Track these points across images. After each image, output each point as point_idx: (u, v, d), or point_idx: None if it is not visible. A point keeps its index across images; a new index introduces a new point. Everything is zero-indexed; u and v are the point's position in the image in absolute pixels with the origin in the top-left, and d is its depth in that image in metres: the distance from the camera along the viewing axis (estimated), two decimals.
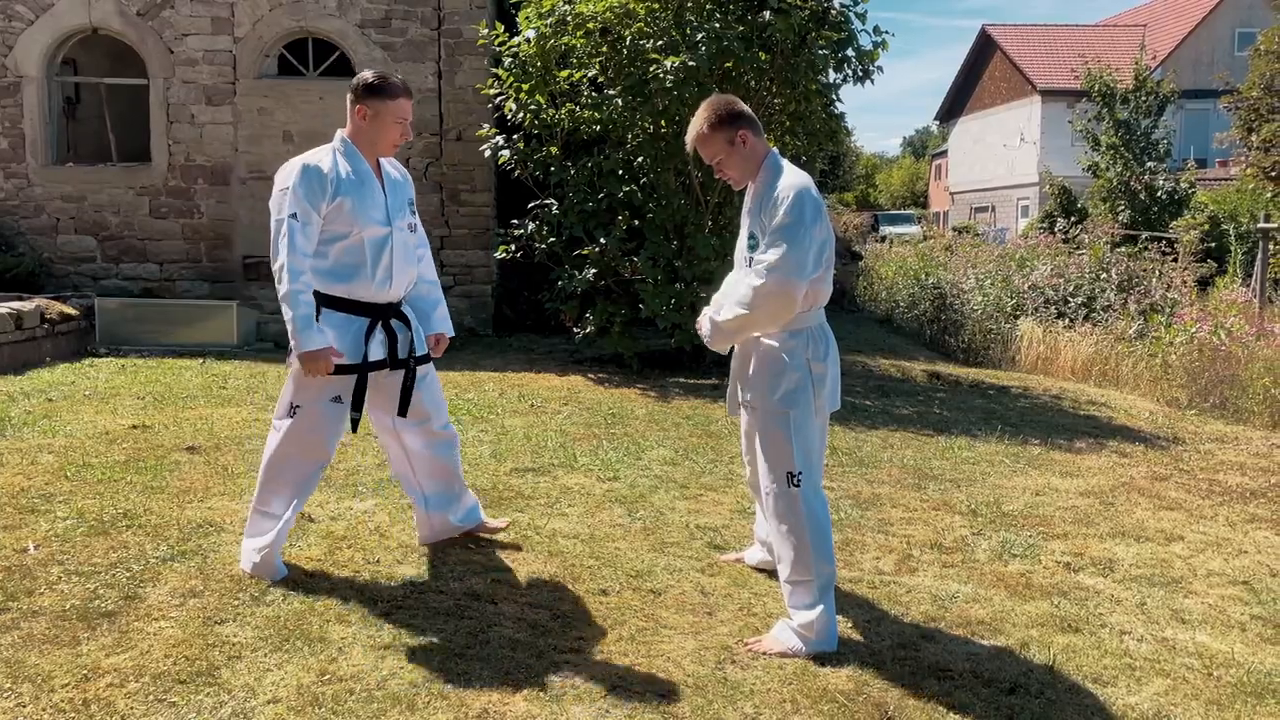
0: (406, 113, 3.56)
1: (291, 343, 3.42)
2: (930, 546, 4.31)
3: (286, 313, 3.38)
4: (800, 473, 3.21)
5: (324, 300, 3.51)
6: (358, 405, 3.60)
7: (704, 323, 3.42)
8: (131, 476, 4.75)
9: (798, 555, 3.23)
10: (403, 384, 3.67)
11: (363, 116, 3.52)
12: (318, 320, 3.45)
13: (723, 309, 3.32)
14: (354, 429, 3.66)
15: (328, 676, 2.93)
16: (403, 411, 3.70)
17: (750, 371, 3.34)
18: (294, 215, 3.37)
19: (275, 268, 3.39)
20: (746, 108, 3.36)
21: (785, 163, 3.31)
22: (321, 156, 3.49)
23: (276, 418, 3.62)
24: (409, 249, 3.69)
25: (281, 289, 3.37)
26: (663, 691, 2.93)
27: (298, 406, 3.54)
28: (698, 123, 3.32)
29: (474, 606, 3.48)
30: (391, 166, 3.72)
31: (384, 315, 3.62)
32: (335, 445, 3.67)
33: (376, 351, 3.58)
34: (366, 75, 3.56)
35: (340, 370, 3.48)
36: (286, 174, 3.45)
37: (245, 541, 3.68)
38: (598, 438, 6.07)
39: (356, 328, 3.54)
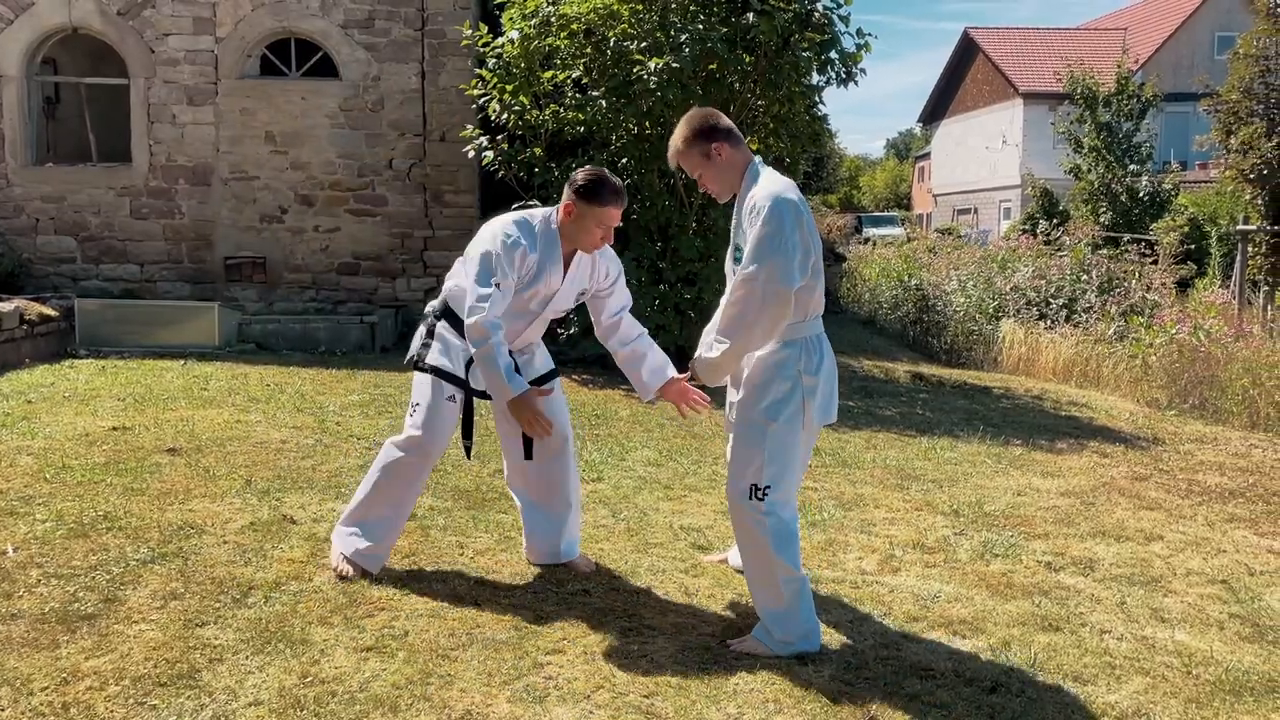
0: (614, 220, 3.53)
1: (493, 391, 3.44)
2: (913, 546, 4.33)
3: (487, 365, 3.35)
4: (768, 486, 3.14)
5: (451, 316, 3.62)
6: (467, 432, 3.67)
7: (698, 367, 3.39)
8: (111, 478, 4.72)
9: (758, 566, 3.22)
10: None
11: (568, 213, 3.50)
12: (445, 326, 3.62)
13: (712, 346, 3.27)
14: (468, 455, 3.80)
15: (310, 679, 2.92)
16: (528, 454, 3.76)
17: (743, 376, 3.31)
18: (496, 283, 3.36)
19: (469, 319, 3.34)
20: (725, 120, 3.32)
21: (765, 170, 3.27)
22: (524, 230, 3.47)
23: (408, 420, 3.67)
24: (543, 326, 3.79)
25: (479, 343, 3.33)
26: (646, 692, 2.93)
27: (418, 404, 3.62)
28: (675, 139, 3.32)
29: (457, 608, 3.47)
30: (599, 257, 3.69)
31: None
32: (443, 447, 3.70)
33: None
34: (579, 176, 3.50)
35: (453, 380, 3.59)
36: (495, 225, 3.49)
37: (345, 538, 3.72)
38: (581, 439, 6.06)
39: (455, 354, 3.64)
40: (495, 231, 3.46)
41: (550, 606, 3.52)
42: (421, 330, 3.71)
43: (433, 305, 3.74)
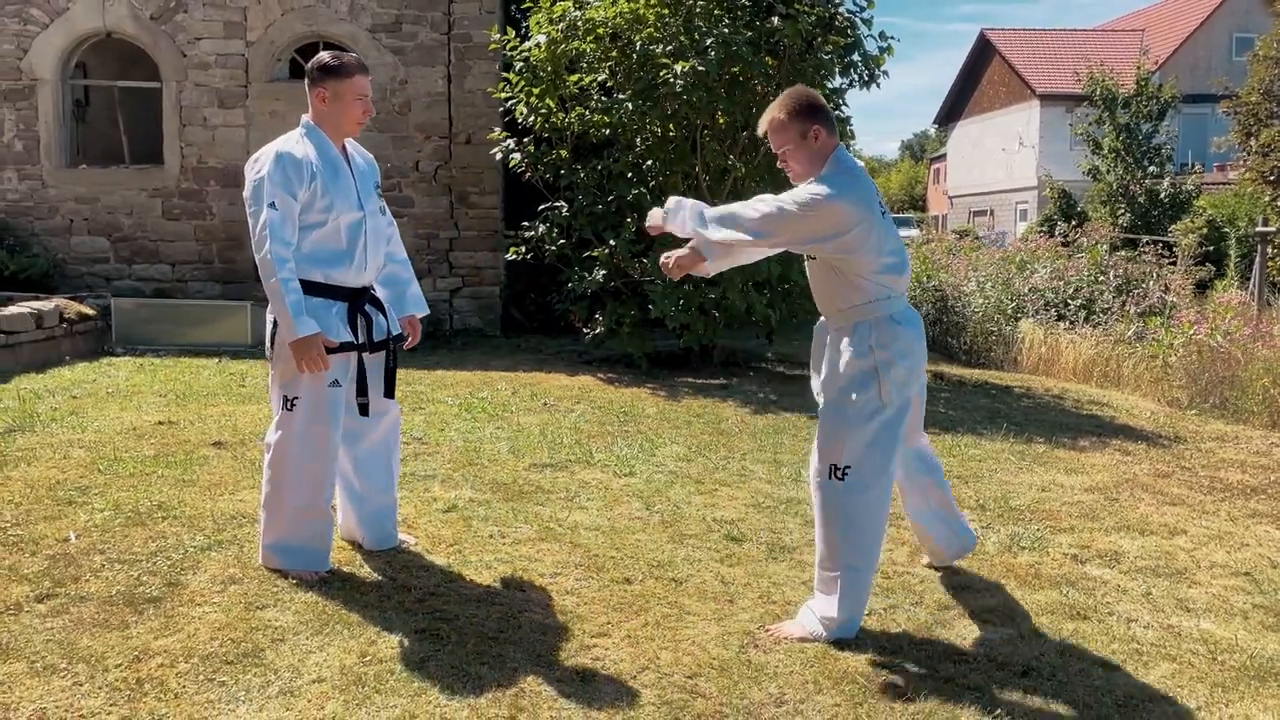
0: (366, 89, 3.55)
1: (282, 332, 3.42)
2: None
3: (275, 302, 3.37)
4: (848, 466, 3.26)
5: (301, 287, 3.49)
6: (363, 389, 3.63)
7: (667, 222, 3.44)
8: (162, 470, 4.88)
9: (828, 547, 3.33)
10: (385, 366, 3.71)
11: (322, 100, 3.52)
12: None
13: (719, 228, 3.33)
14: (364, 413, 3.68)
15: (368, 658, 3.05)
16: (389, 393, 3.73)
17: (823, 361, 3.42)
18: (273, 204, 3.36)
19: (259, 257, 3.39)
20: (824, 102, 3.38)
21: (848, 159, 3.33)
22: (293, 144, 3.48)
23: (275, 416, 3.60)
24: (380, 233, 3.71)
25: (269, 279, 3.36)
26: (690, 673, 3.06)
27: (295, 399, 3.53)
28: (774, 110, 3.33)
29: (503, 594, 3.60)
30: (356, 151, 3.70)
31: (358, 299, 3.63)
32: (339, 434, 3.64)
33: (348, 336, 3.57)
34: (322, 56, 3.57)
35: (331, 353, 3.47)
36: (260, 163, 3.45)
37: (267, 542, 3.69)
38: (611, 435, 6.19)
39: (336, 311, 3.55)
40: (258, 166, 3.45)
41: (592, 593, 3.65)
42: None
43: None
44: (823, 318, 3.52)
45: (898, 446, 3.38)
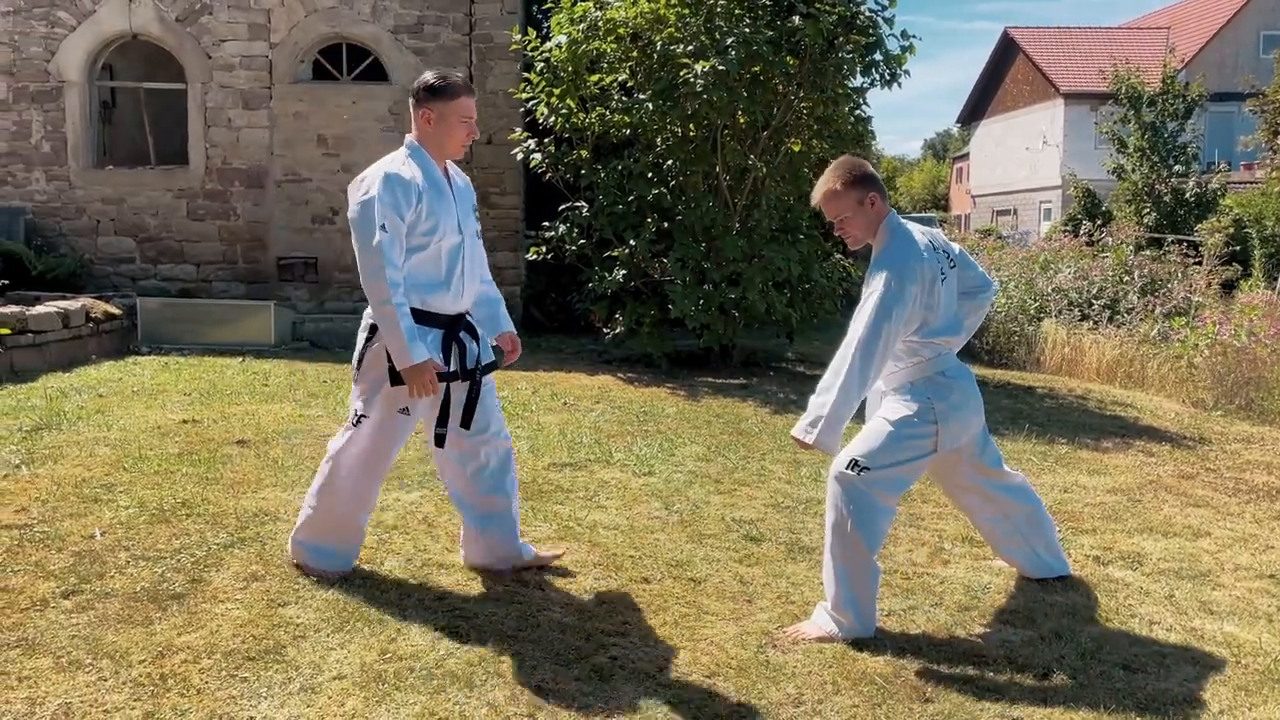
0: (471, 111, 3.48)
1: (395, 357, 3.30)
2: (961, 540, 4.42)
3: (389, 327, 3.26)
4: (866, 467, 3.33)
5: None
6: (444, 420, 3.54)
7: (807, 432, 3.37)
8: (186, 468, 4.93)
9: (836, 539, 3.36)
10: (468, 395, 3.57)
11: (427, 120, 3.44)
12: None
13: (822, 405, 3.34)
14: (440, 444, 3.59)
15: (389, 655, 3.07)
16: (466, 423, 3.57)
17: (881, 401, 3.58)
18: (383, 226, 3.25)
19: (371, 280, 3.27)
20: (874, 171, 3.51)
21: (898, 230, 3.43)
22: (399, 164, 3.39)
23: (345, 428, 3.58)
24: (478, 257, 3.63)
25: (381, 303, 3.25)
26: (707, 672, 3.06)
27: (364, 417, 3.50)
28: (829, 180, 3.43)
29: (522, 592, 3.62)
30: (455, 173, 3.61)
31: (454, 326, 3.53)
32: (394, 458, 3.65)
33: (442, 365, 3.46)
34: (427, 77, 3.48)
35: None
36: (367, 184, 3.34)
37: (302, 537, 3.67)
38: (631, 435, 6.20)
39: (431, 339, 3.44)
40: (366, 180, 3.35)
41: (610, 593, 3.66)
42: (363, 325, 3.53)
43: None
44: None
45: (913, 484, 3.60)
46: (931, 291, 3.41)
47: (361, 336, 3.52)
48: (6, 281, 9.33)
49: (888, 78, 8.78)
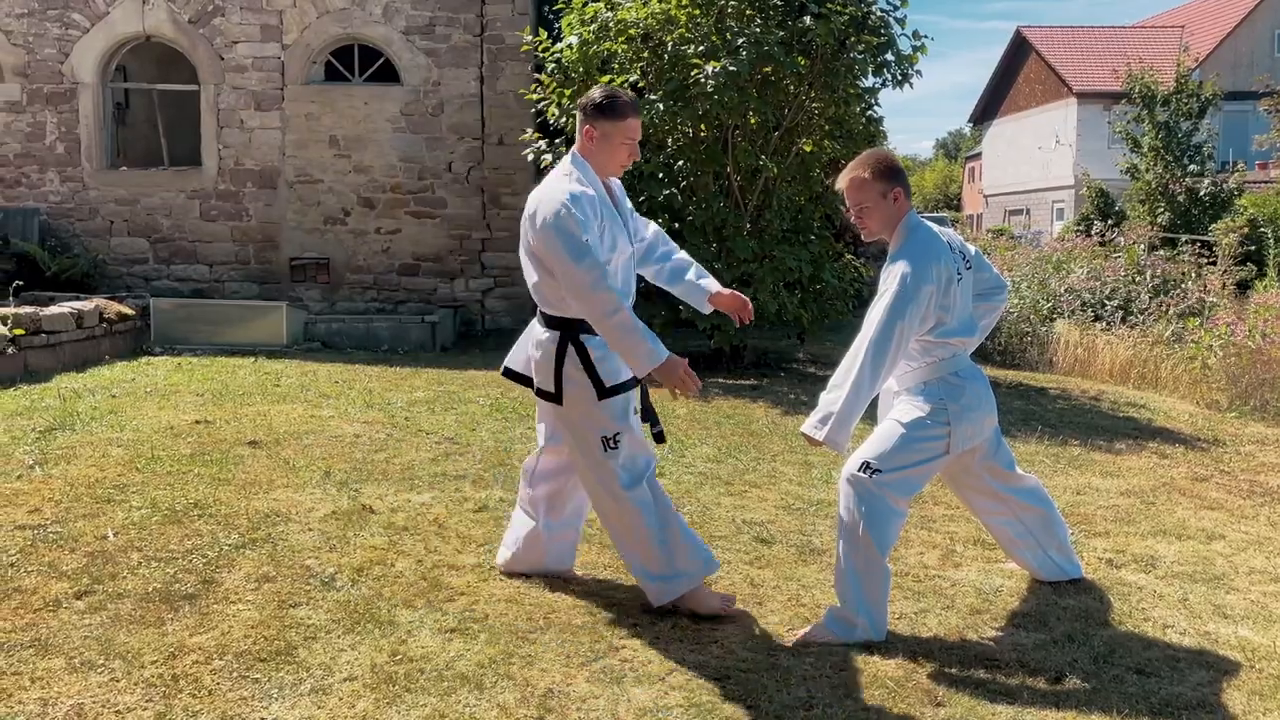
0: (636, 132, 3.40)
1: (640, 362, 3.21)
2: (973, 543, 4.40)
3: (626, 336, 3.18)
4: (878, 470, 3.31)
5: (581, 325, 3.36)
6: (654, 416, 3.50)
7: (816, 429, 3.35)
8: (198, 469, 4.95)
9: (847, 542, 3.34)
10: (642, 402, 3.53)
11: (591, 138, 3.38)
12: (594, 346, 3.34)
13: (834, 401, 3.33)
14: (662, 440, 3.55)
15: (399, 657, 3.08)
16: (651, 420, 3.51)
17: (894, 402, 3.58)
18: (588, 242, 3.19)
19: (591, 296, 3.18)
20: (903, 167, 3.49)
21: (917, 229, 3.42)
22: (574, 182, 3.32)
23: (599, 458, 3.40)
24: (633, 262, 3.60)
25: (610, 314, 3.18)
26: (718, 675, 3.05)
27: (617, 434, 3.38)
28: (857, 168, 3.41)
29: (532, 594, 3.62)
30: (614, 183, 3.55)
31: None
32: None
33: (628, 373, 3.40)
34: (595, 95, 3.40)
35: (625, 390, 3.40)
36: (552, 204, 3.24)
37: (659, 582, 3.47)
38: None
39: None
40: (551, 200, 3.26)
41: (621, 594, 3.65)
42: (544, 351, 3.44)
43: (535, 327, 3.52)
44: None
45: (924, 486, 3.57)
46: (947, 292, 3.40)
47: (540, 358, 3.44)
48: (21, 282, 9.39)
49: (899, 78, 8.76)
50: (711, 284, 3.68)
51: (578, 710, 2.82)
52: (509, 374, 3.77)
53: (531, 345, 3.56)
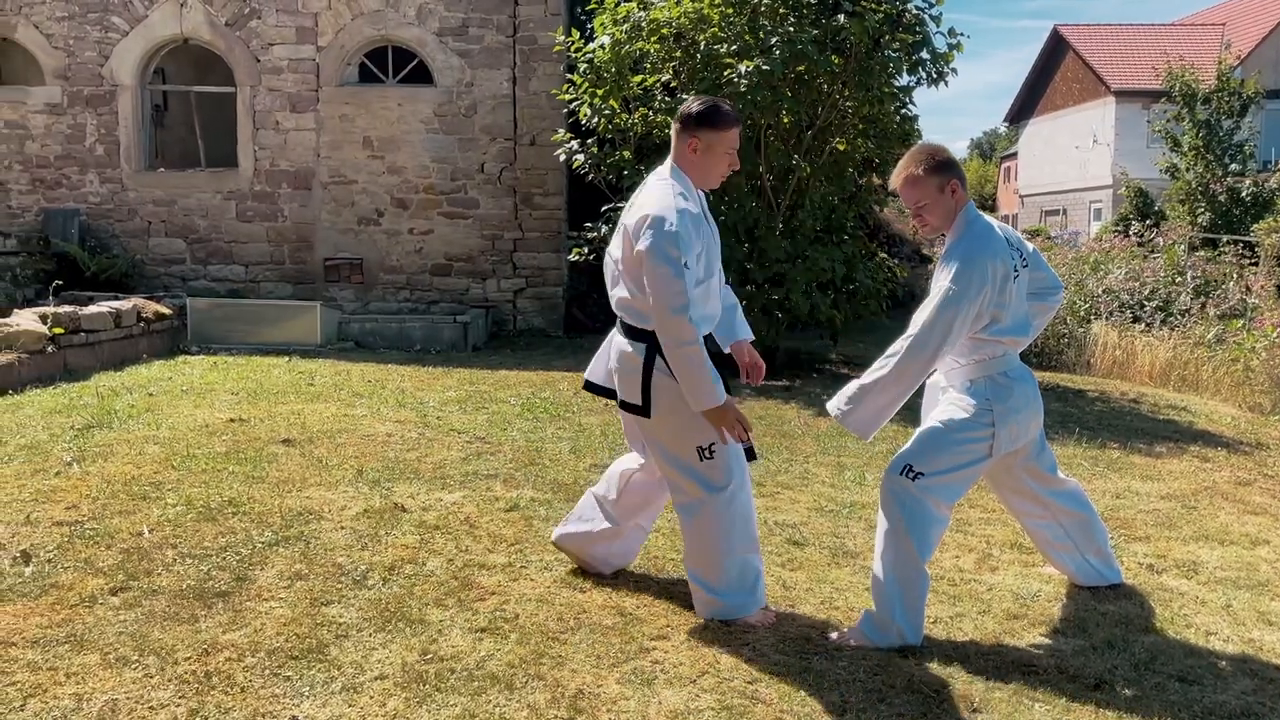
0: (736, 142, 3.32)
1: (698, 400, 3.16)
2: (1010, 546, 4.34)
3: (694, 369, 3.12)
4: (921, 473, 3.26)
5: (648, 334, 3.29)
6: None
7: (839, 409, 3.34)
8: (233, 467, 4.98)
9: (888, 545, 3.29)
10: None
11: (693, 150, 3.26)
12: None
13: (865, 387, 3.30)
14: (753, 457, 3.44)
15: (430, 656, 3.07)
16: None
17: (940, 398, 3.54)
18: (686, 264, 3.10)
19: (673, 318, 3.10)
20: (956, 159, 3.43)
21: (975, 221, 3.36)
22: (679, 197, 3.20)
23: (693, 465, 3.32)
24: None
25: (685, 343, 3.11)
26: (750, 678, 3.02)
27: (712, 444, 3.28)
28: (910, 165, 3.36)
29: (563, 594, 3.60)
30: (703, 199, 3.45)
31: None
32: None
33: None
34: (694, 106, 3.27)
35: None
36: (660, 219, 3.14)
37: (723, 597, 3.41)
38: None
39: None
40: (661, 214, 3.14)
41: (651, 595, 3.63)
42: (630, 364, 3.34)
43: (615, 337, 3.43)
44: (931, 377, 3.57)
45: (967, 490, 3.48)
46: (1003, 289, 3.33)
47: (626, 370, 3.35)
48: (61, 282, 9.53)
49: (934, 76, 8.68)
50: (743, 329, 3.62)
51: (608, 712, 2.79)
52: (590, 387, 3.66)
53: (613, 357, 3.46)
